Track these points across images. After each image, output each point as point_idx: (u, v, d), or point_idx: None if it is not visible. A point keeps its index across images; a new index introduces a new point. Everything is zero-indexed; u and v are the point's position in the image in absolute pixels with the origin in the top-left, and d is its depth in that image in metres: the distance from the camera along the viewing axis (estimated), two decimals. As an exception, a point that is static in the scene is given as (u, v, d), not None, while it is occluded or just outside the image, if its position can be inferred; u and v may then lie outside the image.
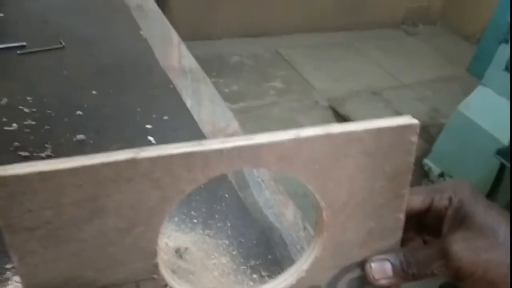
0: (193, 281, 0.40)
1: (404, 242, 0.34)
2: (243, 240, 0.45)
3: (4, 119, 0.55)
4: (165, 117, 0.61)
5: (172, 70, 0.74)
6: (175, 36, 0.85)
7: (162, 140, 0.56)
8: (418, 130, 0.29)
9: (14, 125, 0.55)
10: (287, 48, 2.64)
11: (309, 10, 2.82)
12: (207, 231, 0.45)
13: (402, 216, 0.33)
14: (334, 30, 2.91)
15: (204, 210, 0.48)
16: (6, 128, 0.54)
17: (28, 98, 0.60)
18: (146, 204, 0.27)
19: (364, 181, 0.31)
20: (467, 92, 1.74)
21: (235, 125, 0.67)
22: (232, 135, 0.65)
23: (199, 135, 0.60)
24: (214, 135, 0.62)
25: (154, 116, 0.61)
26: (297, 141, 0.27)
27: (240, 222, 0.47)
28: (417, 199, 0.33)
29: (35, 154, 0.51)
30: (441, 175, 1.75)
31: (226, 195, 0.50)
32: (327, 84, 2.39)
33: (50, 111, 0.58)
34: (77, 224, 0.26)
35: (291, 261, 0.45)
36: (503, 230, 0.29)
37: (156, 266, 0.29)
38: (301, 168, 0.29)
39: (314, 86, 2.37)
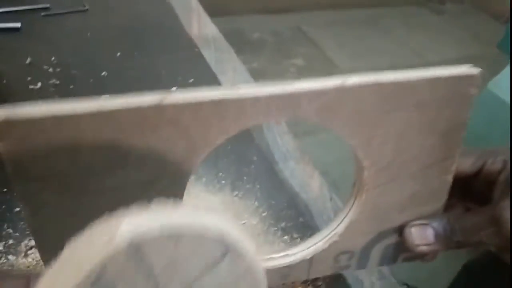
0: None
1: (445, 209, 0.32)
2: (273, 202, 0.43)
3: (29, 78, 0.55)
4: (191, 80, 0.59)
5: (195, 38, 0.72)
6: (199, 7, 0.83)
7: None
8: (479, 82, 0.27)
9: (39, 84, 0.54)
10: (309, 25, 2.58)
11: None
12: (235, 192, 0.44)
13: (449, 179, 0.30)
14: (358, 7, 2.83)
15: (232, 171, 0.46)
16: (31, 86, 0.53)
17: (53, 58, 0.59)
18: (172, 155, 0.24)
19: (413, 137, 0.28)
20: (495, 71, 1.67)
21: None
22: None
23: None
24: None
25: (180, 79, 0.59)
26: (341, 90, 0.25)
27: (269, 184, 0.45)
28: (467, 161, 0.31)
29: (60, 113, 0.50)
30: (468, 155, 1.71)
31: (255, 158, 0.48)
32: (350, 62, 2.33)
33: (75, 71, 0.57)
34: (95, 174, 0.23)
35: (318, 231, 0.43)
36: None
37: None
38: (345, 121, 0.26)
39: (336, 64, 2.32)
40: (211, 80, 0.61)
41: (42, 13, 0.69)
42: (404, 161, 0.29)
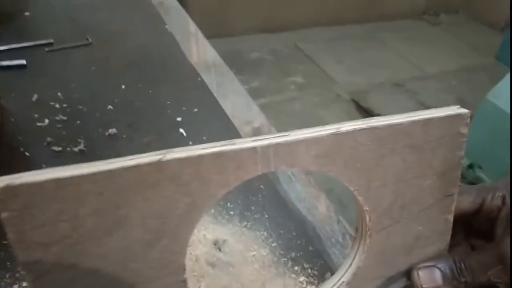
0: (234, 273, 0.39)
1: (450, 247, 0.32)
2: (282, 231, 0.44)
3: (36, 115, 0.55)
4: (195, 110, 0.60)
5: (196, 64, 0.73)
6: (198, 32, 0.84)
7: (193, 132, 0.56)
8: (468, 120, 0.27)
9: (46, 120, 0.55)
10: (306, 42, 2.61)
11: (328, 3, 2.79)
12: (244, 223, 0.44)
13: (451, 218, 0.30)
14: (354, 23, 2.86)
15: (240, 201, 0.46)
16: (38, 124, 0.54)
17: (59, 94, 0.60)
18: (173, 212, 0.24)
19: (411, 179, 0.28)
20: (493, 81, 1.68)
21: (261, 118, 0.66)
22: (259, 128, 0.64)
23: (229, 127, 0.59)
24: (241, 129, 0.61)
25: (184, 108, 0.60)
26: (337, 136, 0.25)
27: (278, 214, 0.46)
28: (467, 200, 0.31)
29: (68, 149, 0.51)
30: (470, 166, 1.70)
31: (262, 187, 0.49)
32: (349, 77, 2.35)
33: (81, 106, 0.58)
34: (97, 237, 0.23)
35: (327, 255, 0.43)
36: None
37: (184, 282, 0.27)
38: (342, 167, 0.26)
39: (335, 80, 2.33)
40: (215, 107, 0.62)
41: (46, 49, 0.70)
42: (405, 203, 0.29)
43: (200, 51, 0.79)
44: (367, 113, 2.07)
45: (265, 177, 0.51)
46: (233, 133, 0.58)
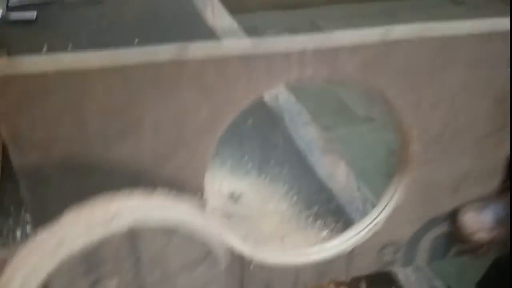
0: (251, 226, 0.37)
1: (499, 193, 0.29)
2: (303, 186, 0.41)
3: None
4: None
5: (212, 27, 0.72)
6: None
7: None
8: None
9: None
10: (324, 19, 2.57)
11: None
12: (262, 176, 0.42)
13: (504, 155, 0.28)
14: (374, 0, 2.82)
15: (257, 155, 0.44)
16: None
17: (69, 46, 0.58)
18: (193, 119, 0.21)
19: (467, 102, 0.26)
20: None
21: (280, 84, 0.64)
22: (277, 96, 0.62)
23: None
24: None
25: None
26: (388, 43, 0.22)
27: (297, 169, 0.43)
28: None
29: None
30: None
31: (280, 143, 0.47)
32: (367, 55, 2.31)
33: (91, 59, 0.56)
34: (103, 142, 0.21)
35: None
36: None
37: (203, 205, 0.24)
38: (390, 79, 0.24)
39: (353, 58, 2.30)
40: None
41: (57, 5, 0.69)
42: (457, 131, 0.26)
43: (215, 15, 0.77)
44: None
45: (283, 133, 0.48)
46: (260, 104, 0.55)
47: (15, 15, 0.64)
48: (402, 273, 0.39)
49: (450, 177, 0.28)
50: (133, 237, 0.19)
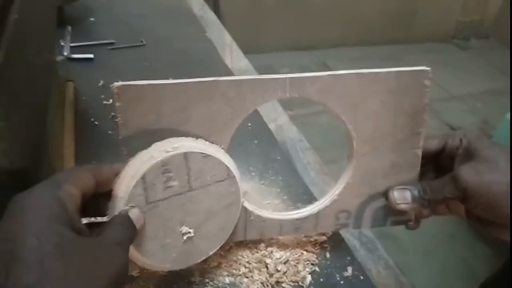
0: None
1: (421, 179, 0.41)
2: (291, 189, 0.55)
3: (102, 96, 0.69)
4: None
5: (231, 68, 0.85)
6: (232, 43, 0.97)
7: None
8: (430, 75, 0.37)
9: (111, 100, 0.68)
10: (334, 60, 2.71)
11: (357, 23, 2.89)
12: (262, 181, 0.55)
13: (419, 153, 0.40)
14: (383, 44, 2.95)
15: (260, 167, 0.58)
16: (104, 102, 0.68)
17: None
18: (220, 118, 0.36)
19: (387, 116, 0.38)
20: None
21: (284, 117, 0.76)
22: (281, 125, 0.74)
23: (258, 122, 0.70)
24: (268, 124, 0.71)
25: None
26: (333, 76, 0.36)
27: (289, 177, 0.57)
28: (433, 141, 0.40)
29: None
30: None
31: (278, 157, 0.60)
32: (374, 95, 2.42)
33: (136, 91, 0.71)
34: (170, 129, 0.35)
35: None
36: (503, 159, 0.35)
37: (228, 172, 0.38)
38: (336, 100, 0.37)
39: (361, 97, 2.41)
40: None
41: (109, 47, 0.85)
42: (382, 135, 0.39)
43: (234, 58, 0.91)
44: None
45: (281, 150, 0.62)
46: (264, 129, 0.67)
47: (77, 55, 0.80)
48: (375, 270, 0.49)
49: (380, 166, 0.40)
50: (187, 158, 0.33)
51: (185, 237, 0.35)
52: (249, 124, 0.67)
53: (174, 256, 0.36)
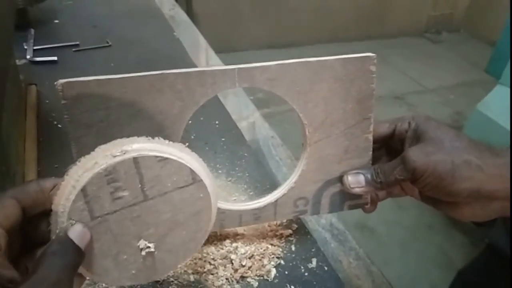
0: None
1: (374, 163, 0.42)
2: (258, 185, 0.55)
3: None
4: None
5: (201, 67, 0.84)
6: (203, 41, 0.97)
7: (197, 123, 0.67)
8: (375, 61, 0.38)
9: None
10: (311, 57, 2.72)
11: (332, 21, 2.92)
12: (229, 179, 0.55)
13: (370, 137, 0.40)
14: (357, 40, 2.99)
15: (227, 164, 0.58)
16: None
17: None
18: (170, 111, 0.35)
19: (336, 103, 0.38)
20: (487, 94, 1.78)
21: (256, 114, 0.76)
22: (254, 122, 0.74)
23: (228, 121, 0.70)
24: (239, 123, 0.71)
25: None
26: (282, 65, 0.36)
27: (256, 173, 0.57)
28: (384, 126, 0.41)
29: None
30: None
31: (246, 154, 0.60)
32: (350, 90, 2.45)
33: (101, 93, 0.70)
34: (120, 124, 0.34)
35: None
36: (448, 139, 0.36)
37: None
38: (286, 88, 0.37)
39: (337, 92, 2.44)
40: (218, 105, 0.72)
41: (73, 49, 0.84)
42: (333, 122, 0.39)
43: (207, 59, 0.91)
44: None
45: (248, 147, 0.62)
46: (231, 127, 0.67)
47: (40, 58, 0.78)
48: (346, 261, 0.49)
49: (334, 152, 0.40)
50: (137, 163, 0.28)
51: (144, 253, 0.31)
52: (217, 122, 0.67)
53: (133, 272, 0.31)
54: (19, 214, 0.28)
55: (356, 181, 0.40)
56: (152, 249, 0.31)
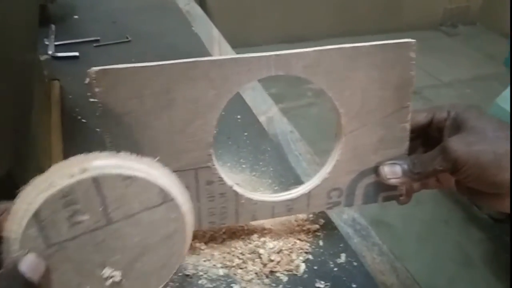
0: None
1: (410, 153, 0.41)
2: (283, 180, 0.54)
3: (89, 94, 0.68)
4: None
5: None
6: (216, 33, 0.97)
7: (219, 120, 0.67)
8: (415, 47, 0.37)
9: (97, 97, 0.67)
10: (324, 51, 2.70)
11: (347, 14, 2.90)
12: (253, 173, 0.55)
13: (408, 127, 0.39)
14: (372, 33, 2.95)
15: (250, 159, 0.58)
16: (91, 99, 0.67)
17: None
18: (204, 100, 0.34)
19: (374, 90, 0.37)
20: (507, 88, 1.75)
21: (274, 109, 0.76)
22: (272, 117, 0.74)
23: (249, 115, 0.70)
24: (257, 117, 0.70)
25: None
26: (319, 52, 0.35)
27: (280, 168, 0.56)
28: (421, 114, 0.40)
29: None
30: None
31: (269, 149, 0.60)
32: (364, 85, 2.43)
33: (123, 88, 0.70)
34: (154, 112, 0.33)
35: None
36: (491, 129, 0.35)
37: (210, 156, 0.37)
38: (322, 76, 0.36)
39: (351, 87, 2.42)
40: (239, 100, 0.72)
41: (94, 44, 0.84)
42: (370, 110, 0.38)
43: (222, 51, 0.91)
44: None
45: (271, 141, 0.62)
46: (253, 121, 0.67)
47: (62, 53, 0.79)
48: (369, 257, 0.49)
49: (369, 142, 0.39)
50: (97, 183, 0.25)
51: (108, 282, 0.28)
52: (239, 117, 0.67)
53: None
54: None
55: (392, 172, 0.39)
56: (119, 278, 0.28)
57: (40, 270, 0.24)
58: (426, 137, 0.41)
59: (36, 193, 0.25)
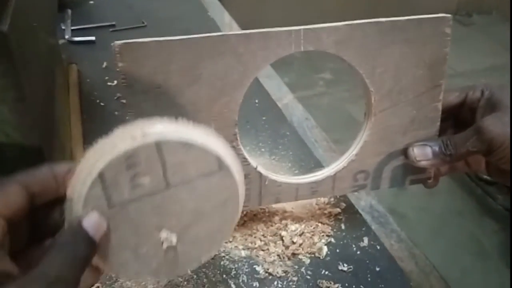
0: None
1: (441, 134, 0.39)
2: (303, 164, 0.54)
3: (107, 77, 0.68)
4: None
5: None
6: (231, 21, 0.96)
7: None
8: (451, 22, 0.35)
9: (115, 81, 0.67)
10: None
11: (361, 2, 2.86)
12: (273, 157, 0.55)
13: (439, 106, 0.38)
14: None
15: (269, 142, 0.57)
16: (109, 83, 0.67)
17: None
18: (231, 77, 0.33)
19: (407, 68, 0.36)
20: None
21: (290, 96, 0.75)
22: (287, 104, 0.73)
23: (268, 99, 0.69)
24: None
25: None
26: (351, 26, 0.34)
27: (300, 152, 0.56)
28: (453, 94, 0.39)
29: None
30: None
31: (288, 133, 0.59)
32: (377, 74, 2.40)
33: (141, 72, 0.70)
34: (179, 89, 0.32)
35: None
36: None
37: (235, 135, 0.36)
38: (354, 52, 0.35)
39: (364, 76, 2.40)
40: (256, 84, 0.70)
41: (110, 29, 0.84)
42: (402, 89, 0.36)
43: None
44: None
45: (290, 125, 0.61)
46: (272, 106, 0.66)
47: (79, 38, 0.79)
48: (388, 243, 0.48)
49: (400, 122, 0.38)
50: (159, 148, 0.25)
51: (165, 245, 0.28)
52: (256, 101, 0.66)
53: (155, 266, 0.29)
54: (24, 201, 0.25)
55: (422, 154, 0.38)
56: (175, 241, 0.28)
57: (102, 229, 0.25)
58: (457, 118, 0.40)
59: (100, 154, 0.25)
